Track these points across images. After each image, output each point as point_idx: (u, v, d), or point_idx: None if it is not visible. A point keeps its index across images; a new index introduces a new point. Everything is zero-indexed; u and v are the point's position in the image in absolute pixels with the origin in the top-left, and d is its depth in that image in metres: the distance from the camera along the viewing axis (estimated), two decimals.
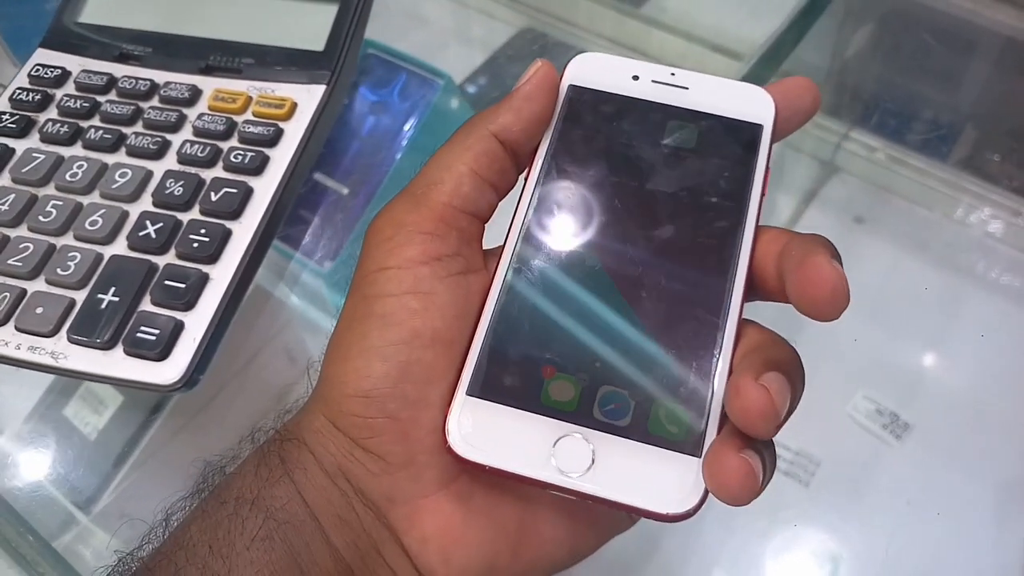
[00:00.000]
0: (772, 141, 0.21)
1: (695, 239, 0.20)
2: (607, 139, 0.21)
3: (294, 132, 0.30)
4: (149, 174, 0.30)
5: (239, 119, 0.31)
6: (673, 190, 0.20)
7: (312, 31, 0.32)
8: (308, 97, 0.31)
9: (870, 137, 0.57)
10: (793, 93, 0.21)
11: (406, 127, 0.47)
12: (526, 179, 0.21)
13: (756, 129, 0.21)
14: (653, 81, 0.21)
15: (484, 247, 0.21)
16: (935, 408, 0.49)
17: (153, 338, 0.26)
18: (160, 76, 0.32)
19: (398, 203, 0.20)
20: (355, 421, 0.18)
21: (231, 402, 0.39)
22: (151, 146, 0.30)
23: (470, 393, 0.18)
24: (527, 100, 0.20)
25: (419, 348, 0.18)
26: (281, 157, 0.30)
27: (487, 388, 0.18)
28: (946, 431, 0.48)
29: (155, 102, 0.31)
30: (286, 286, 0.47)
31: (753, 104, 0.21)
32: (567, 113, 0.21)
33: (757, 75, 0.49)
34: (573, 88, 0.21)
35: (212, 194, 0.29)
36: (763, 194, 0.20)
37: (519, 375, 0.18)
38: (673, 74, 0.22)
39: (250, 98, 0.31)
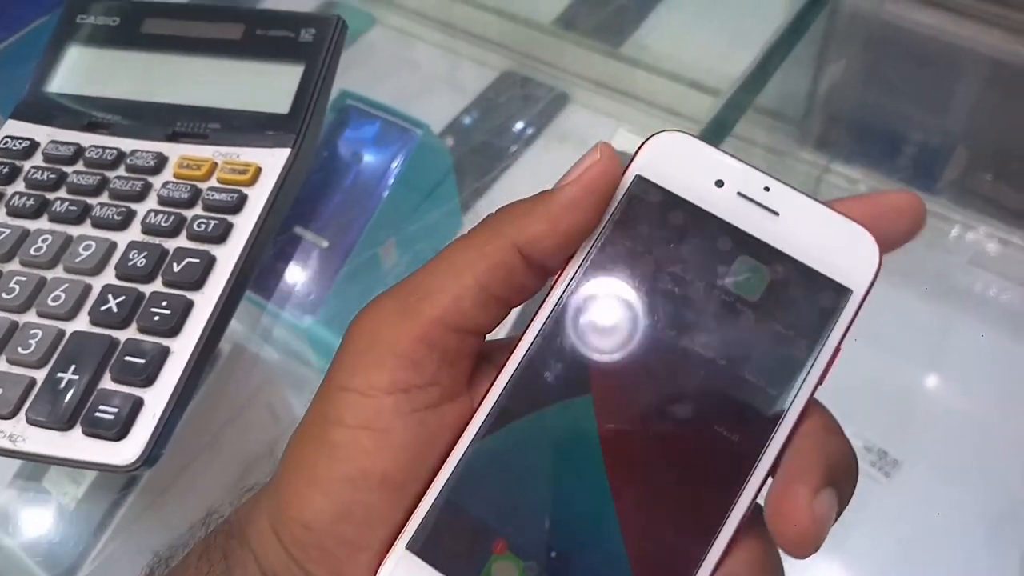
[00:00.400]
0: (858, 311, 0.16)
1: (715, 429, 0.16)
2: (659, 263, 0.17)
3: (258, 197, 0.30)
4: (113, 245, 0.30)
5: (203, 186, 0.31)
6: (712, 353, 0.16)
7: (277, 94, 0.32)
8: (273, 161, 0.31)
9: (851, 169, 0.57)
10: (889, 213, 0.17)
11: (385, 178, 0.47)
12: (550, 290, 0.17)
13: (843, 295, 0.16)
14: (739, 194, 0.17)
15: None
16: (924, 443, 0.48)
17: (111, 417, 0.26)
18: (127, 144, 0.32)
19: (385, 304, 0.18)
20: (295, 542, 0.17)
21: (214, 461, 0.38)
22: (116, 217, 0.30)
23: (410, 548, 0.17)
24: (569, 209, 0.17)
25: (365, 490, 0.17)
26: (244, 224, 0.30)
27: (428, 548, 0.17)
28: (936, 467, 0.47)
29: (121, 171, 0.31)
30: (267, 342, 0.46)
31: (852, 256, 0.16)
32: (623, 214, 0.17)
33: (733, 109, 0.49)
34: (640, 181, 0.17)
35: (175, 265, 0.29)
36: (820, 382, 0.16)
37: (466, 542, 0.17)
38: (767, 189, 0.17)
39: (215, 164, 0.31)
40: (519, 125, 0.63)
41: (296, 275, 0.45)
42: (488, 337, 0.19)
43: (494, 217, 0.18)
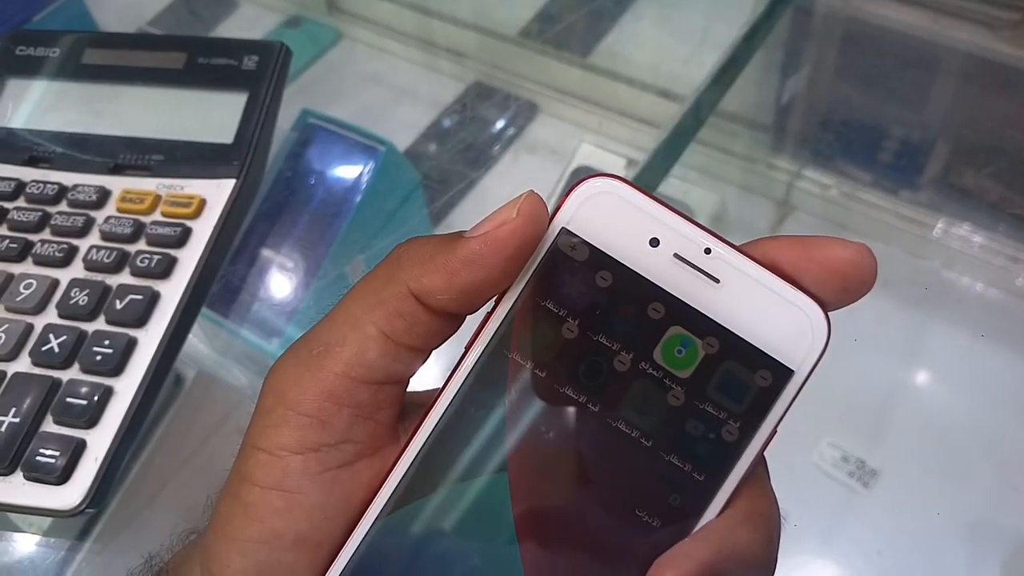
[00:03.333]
0: (798, 393, 0.15)
1: (636, 513, 0.15)
2: (582, 329, 0.15)
3: (203, 230, 0.30)
4: (55, 283, 0.29)
5: (147, 220, 0.30)
6: (636, 432, 0.15)
7: (221, 123, 0.32)
8: (217, 192, 0.31)
9: (823, 174, 0.56)
10: (838, 269, 0.15)
11: (350, 196, 0.47)
12: (462, 356, 0.16)
13: (783, 376, 0.15)
14: (676, 255, 0.15)
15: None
16: (902, 451, 0.48)
17: (53, 461, 0.25)
18: (69, 178, 0.32)
19: (290, 358, 0.17)
20: None
21: (184, 490, 0.38)
22: (57, 254, 0.30)
23: None
24: (468, 265, 0.15)
25: (280, 550, 0.16)
26: (189, 258, 0.29)
27: None
28: (914, 475, 0.47)
29: (63, 206, 0.31)
30: (234, 365, 0.46)
31: (798, 331, 0.15)
32: (544, 271, 0.15)
33: (696, 114, 0.48)
34: (565, 235, 0.15)
35: (117, 302, 0.28)
36: (752, 466, 0.15)
37: None
38: (708, 251, 0.15)
39: (159, 197, 0.31)
40: (488, 137, 0.62)
41: (262, 296, 0.45)
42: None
43: (394, 257, 0.17)
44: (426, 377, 0.18)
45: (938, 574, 0.45)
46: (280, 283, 0.44)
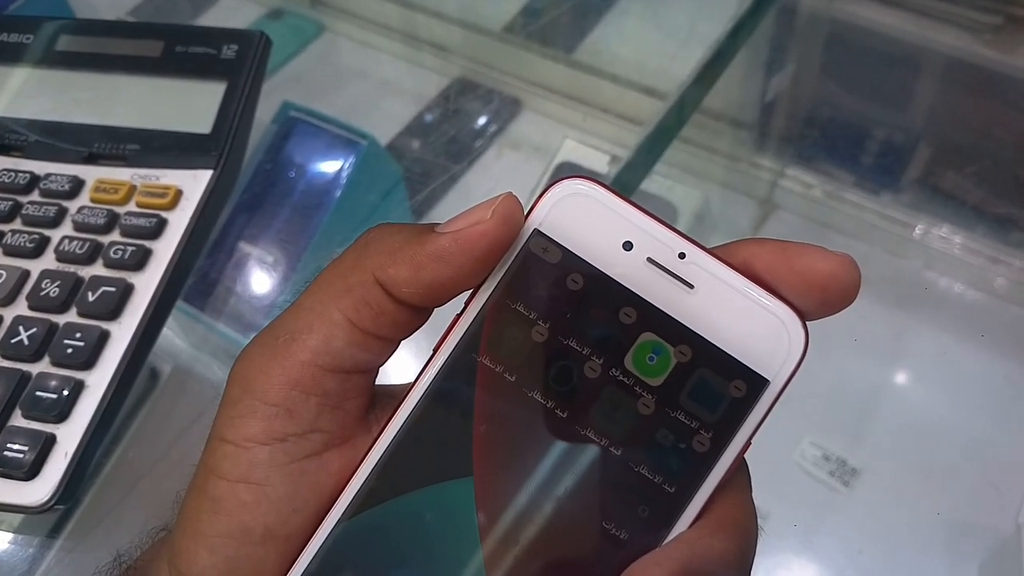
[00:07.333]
0: (775, 402, 0.15)
1: (602, 525, 0.15)
2: (552, 333, 0.15)
3: (178, 222, 0.29)
4: (26, 274, 0.28)
5: (121, 210, 0.30)
6: (605, 441, 0.15)
7: (199, 112, 0.31)
8: (194, 183, 0.30)
9: (806, 174, 0.57)
10: (819, 281, 0.14)
11: (331, 191, 0.46)
12: (430, 358, 0.16)
13: (758, 386, 0.14)
14: (649, 260, 0.15)
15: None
16: (882, 451, 0.48)
17: (21, 456, 0.25)
18: (41, 167, 0.31)
19: (256, 347, 0.17)
20: None
21: (166, 478, 0.37)
22: (28, 244, 0.29)
23: None
24: (436, 260, 0.15)
25: (249, 544, 0.16)
26: (164, 249, 0.29)
27: None
28: (894, 474, 0.47)
29: (35, 196, 0.30)
30: (212, 359, 0.45)
31: (774, 340, 0.14)
32: (515, 273, 0.15)
33: (678, 112, 0.48)
34: (538, 237, 0.15)
35: (90, 294, 0.28)
36: (726, 477, 0.15)
37: None
38: (683, 256, 0.15)
39: (133, 187, 0.30)
40: (471, 132, 0.62)
41: (239, 291, 0.44)
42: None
43: (362, 243, 0.16)
44: (406, 370, 0.18)
45: (918, 573, 0.45)
46: (259, 277, 0.44)
